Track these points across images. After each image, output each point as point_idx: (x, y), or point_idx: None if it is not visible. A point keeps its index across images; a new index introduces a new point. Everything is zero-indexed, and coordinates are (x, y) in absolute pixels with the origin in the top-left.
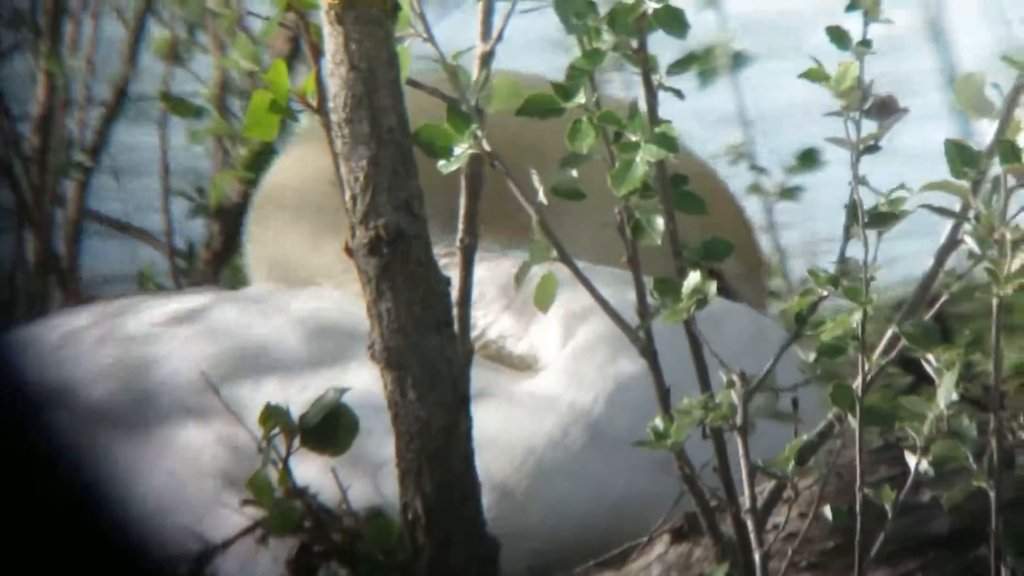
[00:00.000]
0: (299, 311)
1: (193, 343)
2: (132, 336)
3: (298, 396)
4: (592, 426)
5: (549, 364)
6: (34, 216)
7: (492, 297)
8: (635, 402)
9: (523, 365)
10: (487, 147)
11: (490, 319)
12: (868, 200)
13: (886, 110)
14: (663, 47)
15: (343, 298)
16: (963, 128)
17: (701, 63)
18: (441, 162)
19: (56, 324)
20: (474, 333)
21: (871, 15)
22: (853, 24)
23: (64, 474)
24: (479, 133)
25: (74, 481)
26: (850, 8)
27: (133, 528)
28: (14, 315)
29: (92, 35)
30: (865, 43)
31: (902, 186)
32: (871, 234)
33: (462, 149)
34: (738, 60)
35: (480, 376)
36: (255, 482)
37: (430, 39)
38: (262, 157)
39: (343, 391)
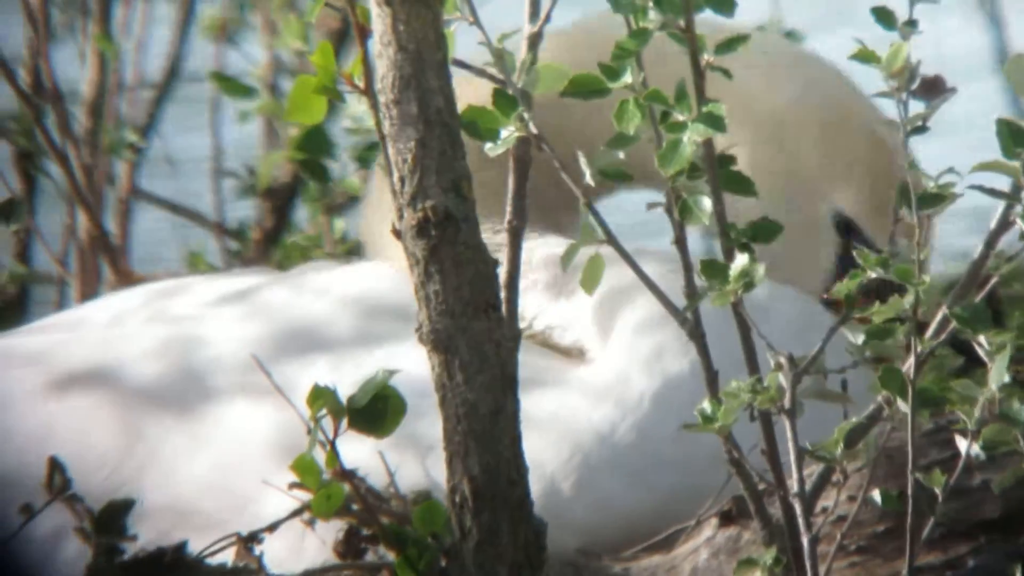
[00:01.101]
0: (351, 291)
1: (243, 323)
2: (182, 316)
3: (348, 376)
4: (639, 423)
5: (596, 355)
6: (85, 196)
7: (542, 286)
8: (682, 400)
9: (572, 355)
10: (534, 130)
11: (537, 310)
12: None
13: (934, 90)
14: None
15: (398, 276)
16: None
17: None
18: (488, 145)
19: (107, 304)
20: (522, 324)
21: None
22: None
23: None
24: (526, 116)
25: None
26: None
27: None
28: (65, 295)
29: (143, 16)
30: (911, 23)
31: (951, 169)
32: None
33: (509, 132)
34: (789, 38)
35: (529, 363)
36: (301, 464)
37: (476, 22)
38: (312, 138)
39: (392, 373)
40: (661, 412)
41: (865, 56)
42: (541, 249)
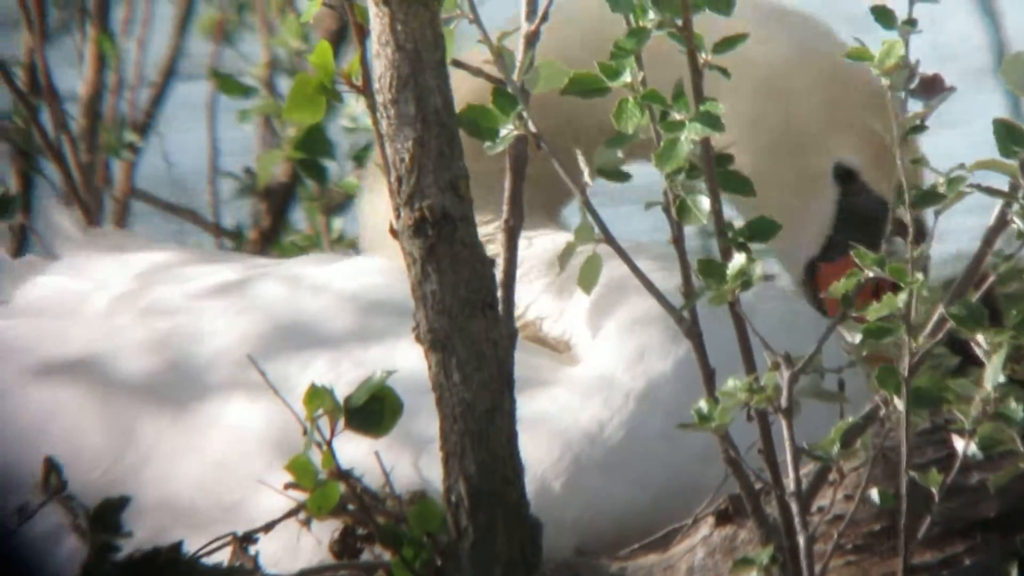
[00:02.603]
0: (348, 286)
1: (239, 318)
2: (177, 308)
3: (345, 374)
4: (628, 422)
5: (583, 351)
6: (82, 196)
7: (534, 275)
8: (668, 398)
9: (559, 347)
10: (533, 128)
11: (531, 298)
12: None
13: (932, 89)
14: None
15: (394, 271)
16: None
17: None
18: (487, 143)
19: (99, 279)
20: (517, 312)
21: None
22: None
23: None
24: (524, 114)
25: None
26: None
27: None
28: None
29: (145, 15)
30: (910, 22)
31: (962, 166)
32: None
33: (508, 130)
34: None
35: (521, 361)
36: (296, 464)
37: (476, 20)
38: (310, 137)
39: (390, 373)
40: (648, 410)
41: (859, 55)
42: (541, 239)
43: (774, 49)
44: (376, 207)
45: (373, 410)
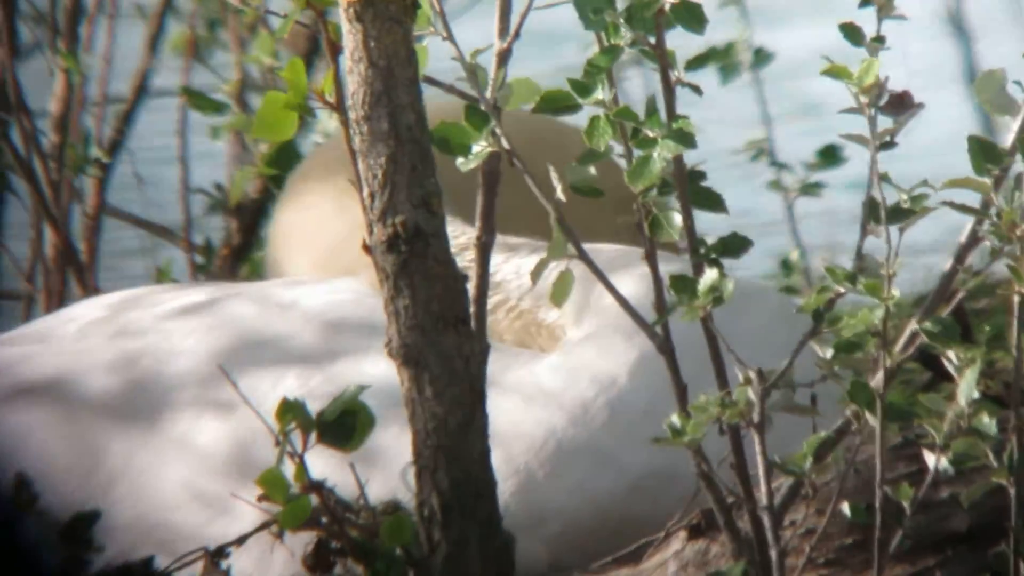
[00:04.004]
0: (317, 303)
1: (203, 336)
2: (147, 329)
3: (317, 389)
4: (611, 402)
5: (570, 338)
6: (52, 212)
7: (522, 275)
8: (653, 377)
9: (556, 332)
10: (506, 145)
11: (526, 287)
12: (890, 196)
13: (902, 106)
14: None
15: (361, 289)
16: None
17: (720, 58)
18: (459, 160)
19: (72, 315)
20: (509, 303)
21: (884, 11)
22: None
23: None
24: (497, 131)
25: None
26: (863, 4)
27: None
28: (33, 312)
29: (108, 33)
30: (879, 39)
31: (925, 182)
32: (891, 230)
33: (480, 147)
34: (759, 56)
35: (499, 359)
36: (268, 478)
37: (449, 37)
38: (283, 154)
39: (362, 388)
40: (632, 389)
41: (837, 72)
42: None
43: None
44: (301, 227)
45: (345, 424)
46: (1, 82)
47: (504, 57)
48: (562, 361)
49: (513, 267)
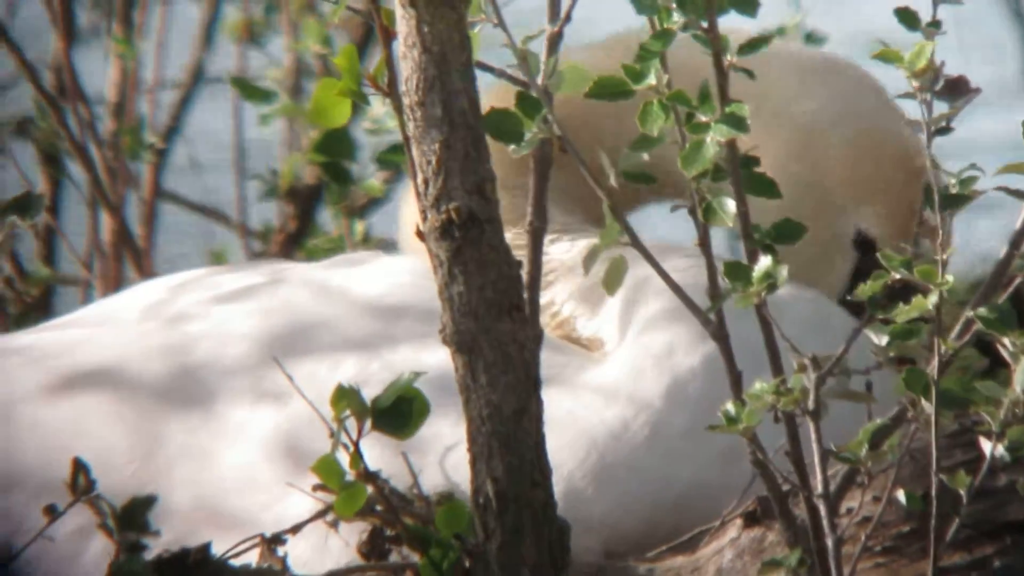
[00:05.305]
0: (374, 288)
1: (261, 320)
2: (200, 313)
3: (368, 376)
4: (653, 420)
5: (611, 351)
6: (109, 198)
7: (571, 274)
8: (694, 396)
9: (593, 345)
10: (558, 131)
11: (566, 295)
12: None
13: (957, 91)
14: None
15: (419, 270)
16: None
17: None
18: (512, 147)
19: (132, 298)
20: (553, 308)
21: None
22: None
23: None
24: (549, 117)
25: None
26: None
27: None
28: (89, 298)
29: (162, 18)
30: (935, 24)
31: (973, 166)
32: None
33: (532, 134)
34: (811, 39)
35: (547, 360)
36: (323, 465)
37: (500, 23)
38: (333, 139)
39: (418, 375)
40: (673, 408)
41: (888, 56)
42: (583, 240)
43: (807, 109)
44: (415, 208)
45: (400, 411)
46: (58, 68)
47: (555, 41)
48: (604, 375)
49: (554, 272)
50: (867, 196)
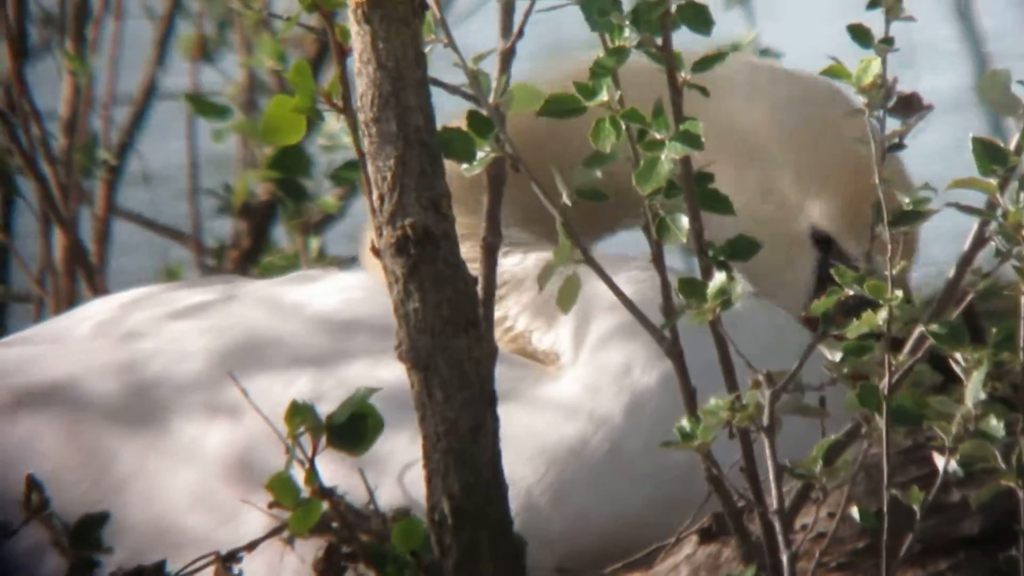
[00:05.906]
0: (328, 304)
1: (214, 337)
2: (153, 330)
3: (322, 392)
4: (612, 436)
5: (567, 366)
6: (62, 214)
7: (524, 288)
8: (652, 413)
9: (548, 359)
10: (510, 150)
11: (519, 309)
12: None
13: (910, 107)
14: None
15: (373, 286)
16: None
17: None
18: (464, 165)
19: (84, 315)
20: (507, 323)
21: (892, 14)
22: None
23: None
24: (501, 136)
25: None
26: (871, 7)
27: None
28: (43, 315)
29: (114, 34)
30: (887, 41)
31: (927, 185)
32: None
33: (484, 152)
34: (765, 55)
35: (503, 375)
36: (277, 482)
37: (451, 43)
38: (288, 156)
39: (372, 390)
40: (631, 425)
41: (836, 72)
42: (536, 254)
43: (756, 111)
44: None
45: (355, 428)
46: (8, 85)
47: (508, 58)
48: (561, 391)
49: (508, 286)
50: (816, 189)
